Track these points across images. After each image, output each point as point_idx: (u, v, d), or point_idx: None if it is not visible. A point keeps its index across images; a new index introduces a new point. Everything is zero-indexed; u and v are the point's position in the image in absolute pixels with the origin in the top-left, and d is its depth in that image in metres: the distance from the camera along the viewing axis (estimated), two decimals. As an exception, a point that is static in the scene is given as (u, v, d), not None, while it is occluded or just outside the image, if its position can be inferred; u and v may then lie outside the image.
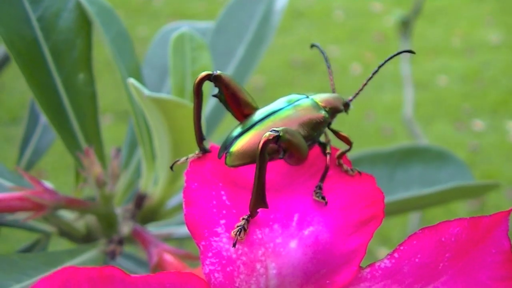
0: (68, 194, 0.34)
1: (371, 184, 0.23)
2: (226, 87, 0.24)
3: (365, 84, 0.26)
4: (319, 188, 0.23)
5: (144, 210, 0.36)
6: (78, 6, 0.36)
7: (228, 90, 0.24)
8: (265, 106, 0.25)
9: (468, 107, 2.04)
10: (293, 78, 2.23)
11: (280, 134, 0.21)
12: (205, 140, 0.25)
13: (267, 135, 0.21)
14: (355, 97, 0.26)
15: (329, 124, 0.25)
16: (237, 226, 0.21)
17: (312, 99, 0.25)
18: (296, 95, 0.25)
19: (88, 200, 0.35)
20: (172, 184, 0.36)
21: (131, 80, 0.30)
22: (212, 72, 0.24)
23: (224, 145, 0.24)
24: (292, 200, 0.22)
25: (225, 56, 0.45)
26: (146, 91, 0.29)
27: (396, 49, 0.26)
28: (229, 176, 0.23)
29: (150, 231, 0.36)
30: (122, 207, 0.37)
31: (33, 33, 0.34)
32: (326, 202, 0.22)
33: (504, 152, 1.80)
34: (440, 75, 2.25)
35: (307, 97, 0.25)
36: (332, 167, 0.24)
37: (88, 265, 0.27)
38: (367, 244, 0.22)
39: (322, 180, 0.23)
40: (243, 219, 0.21)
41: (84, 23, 0.36)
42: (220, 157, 0.24)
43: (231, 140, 0.23)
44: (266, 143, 0.21)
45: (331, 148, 0.25)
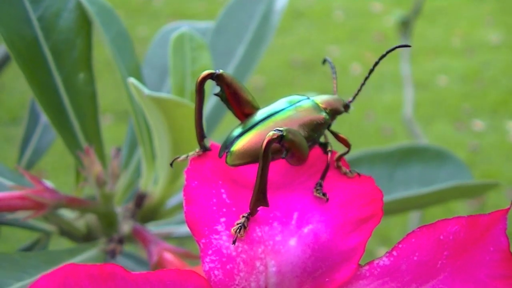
0: (68, 194, 0.34)
1: (370, 184, 0.24)
2: (228, 86, 0.25)
3: (363, 84, 0.26)
4: (320, 185, 0.23)
5: (144, 209, 0.37)
6: (79, 6, 0.36)
7: (230, 89, 0.25)
8: (266, 107, 0.25)
9: (468, 107, 2.04)
10: (293, 78, 2.23)
11: (284, 134, 0.21)
12: (206, 139, 0.25)
13: (271, 134, 0.21)
14: (355, 98, 0.27)
15: (329, 126, 0.26)
16: (237, 224, 0.21)
17: (313, 101, 0.25)
18: (297, 96, 0.26)
19: (89, 199, 0.36)
20: (172, 184, 0.36)
21: (131, 80, 0.30)
22: (215, 71, 0.24)
23: (225, 145, 0.24)
24: (292, 199, 0.23)
25: (225, 56, 0.45)
26: (146, 91, 0.29)
27: (396, 50, 0.26)
28: (229, 175, 0.23)
29: (150, 230, 0.36)
30: (122, 206, 0.37)
31: (34, 33, 0.34)
32: (327, 199, 0.23)
33: (504, 152, 1.80)
34: (440, 75, 2.25)
35: (308, 99, 0.26)
36: (331, 169, 0.24)
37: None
38: (366, 242, 0.22)
39: (323, 178, 0.23)
40: (243, 217, 0.21)
41: (84, 23, 0.36)
42: (221, 157, 0.24)
43: (232, 140, 0.24)
44: (270, 142, 0.21)
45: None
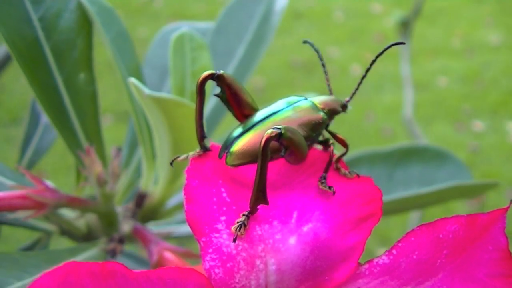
0: (69, 194, 0.34)
1: (369, 183, 0.24)
2: (228, 87, 0.25)
3: (360, 83, 0.27)
4: (324, 178, 0.23)
5: (145, 209, 0.37)
6: (79, 7, 0.36)
7: (230, 90, 0.25)
8: (265, 107, 0.25)
9: (468, 108, 2.04)
10: (293, 79, 2.23)
11: (282, 132, 0.21)
12: (206, 139, 0.25)
13: (269, 132, 0.21)
14: (352, 98, 0.27)
15: (327, 126, 0.26)
16: (237, 222, 0.21)
17: (311, 101, 0.26)
18: (295, 97, 0.26)
19: (89, 199, 0.36)
20: (173, 183, 0.37)
21: (132, 79, 0.30)
22: (215, 72, 0.24)
23: (225, 145, 0.24)
24: (292, 198, 0.23)
25: (225, 56, 0.45)
26: (147, 90, 0.29)
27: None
28: (230, 174, 0.23)
29: (151, 230, 0.36)
30: (123, 206, 0.37)
31: (34, 33, 0.34)
32: (334, 191, 0.23)
33: (504, 153, 1.81)
34: (440, 76, 2.25)
35: (306, 99, 0.26)
36: (331, 170, 0.24)
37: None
38: (366, 241, 0.22)
39: (326, 171, 0.24)
40: (243, 215, 0.21)
41: (85, 23, 0.36)
42: (221, 157, 0.24)
43: (232, 140, 0.24)
44: (269, 140, 0.21)
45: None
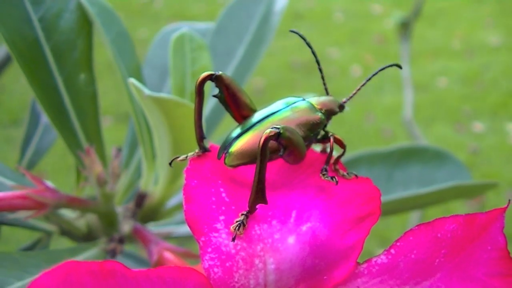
0: (69, 194, 0.34)
1: (368, 183, 0.24)
2: (227, 88, 0.25)
3: (355, 94, 0.27)
4: (325, 170, 0.23)
5: (145, 209, 0.37)
6: (79, 7, 0.36)
7: (229, 91, 0.25)
8: (263, 108, 0.25)
9: (468, 109, 2.04)
10: (293, 80, 2.23)
11: (281, 131, 0.21)
12: (205, 139, 0.25)
13: (268, 132, 0.21)
14: (349, 100, 0.27)
15: (325, 126, 0.26)
16: (236, 222, 0.21)
17: (309, 102, 0.26)
18: (293, 98, 0.26)
19: (89, 199, 0.36)
20: (172, 184, 0.37)
21: (132, 80, 0.30)
22: (214, 72, 0.24)
23: (224, 146, 0.24)
24: (290, 198, 0.23)
25: (225, 57, 0.45)
26: (147, 91, 0.29)
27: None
28: (228, 174, 0.24)
29: (151, 230, 0.36)
30: (123, 206, 0.37)
31: (35, 34, 0.34)
32: (337, 181, 0.23)
33: (504, 154, 1.81)
34: (440, 77, 2.25)
35: (304, 100, 0.26)
36: (330, 170, 0.25)
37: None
38: (364, 240, 0.22)
39: (327, 163, 0.24)
40: (242, 215, 0.21)
41: (85, 24, 0.36)
42: (220, 158, 0.24)
43: (231, 141, 0.24)
44: (267, 139, 0.21)
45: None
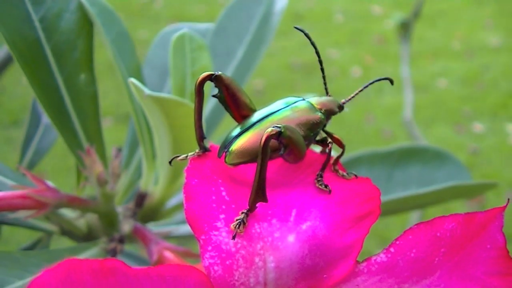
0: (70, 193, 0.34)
1: (367, 182, 0.24)
2: (226, 88, 0.25)
3: (353, 97, 0.27)
4: (320, 176, 0.24)
5: (145, 209, 0.37)
6: (80, 7, 0.36)
7: (228, 91, 0.25)
8: (263, 108, 0.26)
9: (468, 110, 2.04)
10: (293, 81, 2.23)
11: (282, 130, 0.21)
12: (205, 139, 0.25)
13: (270, 131, 0.21)
14: (349, 101, 0.27)
15: (324, 126, 0.26)
16: (237, 220, 0.21)
17: (308, 102, 0.26)
18: (293, 98, 0.26)
19: (90, 199, 0.36)
20: (173, 184, 0.37)
21: (132, 80, 0.30)
22: (213, 73, 0.24)
23: (224, 145, 0.24)
24: (290, 197, 0.23)
25: (225, 57, 0.45)
26: (147, 90, 0.30)
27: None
28: (229, 174, 0.24)
29: (151, 230, 0.36)
30: (123, 206, 0.37)
31: (35, 34, 0.34)
32: (330, 190, 0.23)
33: (504, 155, 1.81)
34: (440, 78, 2.25)
35: (304, 100, 0.26)
36: (329, 170, 0.25)
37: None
38: (364, 239, 0.22)
39: (323, 169, 0.24)
40: (243, 213, 0.21)
41: (86, 24, 0.36)
42: (220, 156, 0.24)
43: (231, 140, 0.24)
44: (269, 138, 0.21)
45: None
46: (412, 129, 1.13)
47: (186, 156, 0.25)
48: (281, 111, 0.25)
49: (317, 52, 0.27)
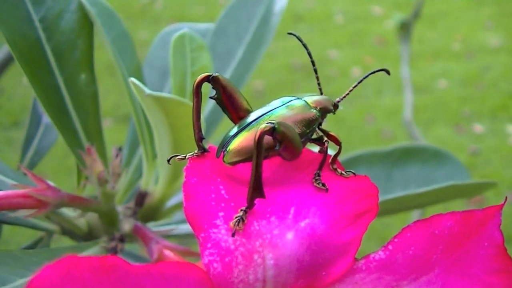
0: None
1: (365, 180, 0.24)
2: (224, 89, 0.25)
3: (348, 94, 0.28)
4: (318, 175, 0.24)
5: (145, 208, 0.37)
6: (80, 8, 0.36)
7: (225, 92, 0.25)
8: (260, 108, 0.26)
9: (468, 111, 2.05)
10: (293, 82, 2.24)
11: (276, 126, 0.22)
12: (204, 140, 0.26)
13: (263, 127, 0.22)
14: (343, 99, 0.28)
15: (320, 124, 0.26)
16: (236, 217, 0.21)
17: (304, 100, 0.26)
18: (289, 97, 0.27)
19: (90, 198, 0.36)
20: (173, 183, 0.37)
21: (132, 79, 0.30)
22: (211, 74, 0.25)
23: (222, 144, 0.25)
24: (289, 195, 0.23)
25: (225, 57, 0.45)
26: (147, 90, 0.30)
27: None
28: (227, 173, 0.24)
29: (151, 229, 0.36)
30: (123, 205, 0.37)
31: (36, 34, 0.35)
32: (327, 189, 0.23)
33: (504, 156, 1.81)
34: (440, 79, 2.26)
35: (299, 98, 0.26)
36: (328, 169, 0.25)
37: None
38: (362, 236, 0.22)
39: (321, 168, 0.24)
40: (242, 210, 0.22)
41: (86, 24, 0.37)
42: (218, 156, 0.24)
43: (228, 139, 0.24)
44: (262, 134, 0.22)
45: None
46: (412, 130, 1.13)
47: (185, 156, 0.25)
48: (277, 110, 0.25)
49: (309, 54, 0.27)
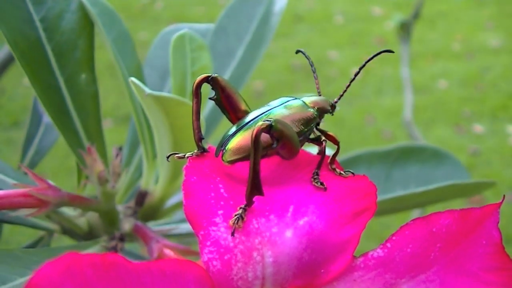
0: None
1: (364, 179, 0.24)
2: (222, 90, 0.26)
3: (348, 86, 0.28)
4: (317, 174, 0.24)
5: (145, 208, 0.37)
6: (81, 8, 0.37)
7: (224, 93, 0.26)
8: (258, 108, 0.26)
9: (468, 111, 2.05)
10: (293, 82, 2.24)
11: (272, 124, 0.22)
12: (204, 140, 0.26)
13: (260, 124, 0.22)
14: (340, 99, 0.28)
15: (318, 124, 0.27)
16: (235, 215, 0.21)
17: (302, 100, 0.27)
18: (287, 97, 0.27)
19: (91, 198, 0.36)
20: (173, 183, 0.37)
21: (132, 79, 0.30)
22: (210, 75, 0.25)
23: (221, 144, 0.25)
24: (288, 194, 0.23)
25: (225, 57, 0.45)
26: (147, 89, 0.30)
27: (397, 54, 0.27)
28: (227, 172, 0.24)
29: (151, 228, 0.36)
30: (124, 205, 0.37)
31: (36, 34, 0.35)
32: (325, 188, 0.23)
33: (504, 156, 1.81)
34: (440, 79, 2.26)
35: (297, 99, 0.27)
36: (326, 168, 0.25)
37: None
38: (360, 235, 0.22)
39: (319, 167, 0.24)
40: (241, 208, 0.22)
41: (86, 24, 0.37)
42: (217, 155, 0.25)
43: (227, 138, 0.25)
44: (260, 131, 0.22)
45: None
46: (412, 130, 1.13)
47: (184, 155, 0.25)
48: (275, 109, 0.26)
49: (314, 71, 0.28)
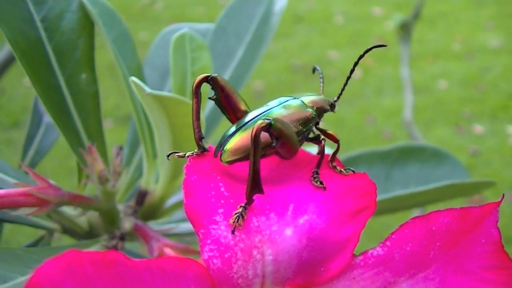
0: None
1: (364, 178, 0.24)
2: (222, 90, 0.26)
3: (345, 85, 0.28)
4: (316, 173, 0.24)
5: (145, 207, 0.37)
6: (81, 8, 0.37)
7: (224, 92, 0.26)
8: (257, 108, 0.26)
9: (468, 112, 2.05)
10: (293, 83, 2.24)
11: (272, 122, 0.22)
12: (204, 139, 0.26)
13: (260, 123, 0.22)
14: (339, 98, 0.28)
15: (317, 123, 0.27)
16: (235, 214, 0.22)
17: (301, 100, 0.27)
18: (286, 97, 0.27)
19: (91, 197, 0.36)
20: (173, 182, 0.37)
21: (133, 78, 0.30)
22: (210, 75, 0.25)
23: (220, 144, 0.25)
24: (288, 192, 0.23)
25: (225, 57, 0.45)
26: (147, 89, 0.30)
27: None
28: (227, 171, 0.24)
29: (151, 227, 0.36)
30: (124, 204, 0.37)
31: (37, 34, 0.35)
32: (325, 187, 0.23)
33: (504, 156, 1.81)
34: (440, 80, 2.26)
35: (296, 98, 0.27)
36: (327, 166, 0.25)
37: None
38: (360, 233, 0.22)
39: (319, 166, 0.24)
40: (241, 207, 0.22)
41: (87, 24, 0.37)
42: (216, 155, 0.25)
43: (226, 138, 0.25)
44: (259, 130, 0.22)
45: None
46: (412, 131, 1.14)
47: (185, 154, 0.25)
48: (274, 110, 0.26)
49: (321, 82, 0.28)
